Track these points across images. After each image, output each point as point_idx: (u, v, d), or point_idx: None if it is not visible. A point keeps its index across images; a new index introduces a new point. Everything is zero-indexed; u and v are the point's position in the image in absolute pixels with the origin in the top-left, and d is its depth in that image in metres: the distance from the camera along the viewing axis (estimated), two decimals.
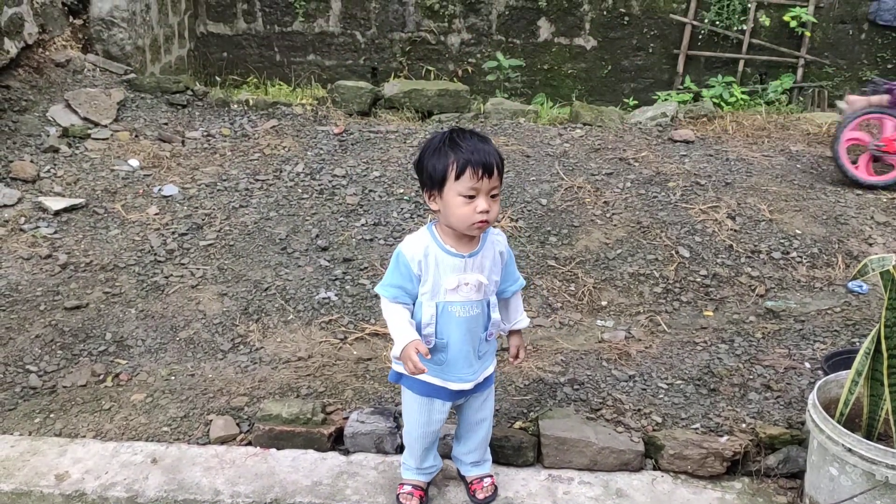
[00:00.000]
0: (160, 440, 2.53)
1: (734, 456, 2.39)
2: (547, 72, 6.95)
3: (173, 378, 2.81)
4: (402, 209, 3.80)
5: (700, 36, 6.77)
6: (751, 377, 2.76)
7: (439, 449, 2.33)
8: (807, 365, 2.82)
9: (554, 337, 3.05)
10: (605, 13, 6.77)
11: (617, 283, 3.35)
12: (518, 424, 2.52)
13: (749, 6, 6.65)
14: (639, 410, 2.58)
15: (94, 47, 5.38)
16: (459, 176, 1.93)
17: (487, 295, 2.10)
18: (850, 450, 2.02)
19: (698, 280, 3.36)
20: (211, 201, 3.87)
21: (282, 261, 3.45)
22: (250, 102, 4.92)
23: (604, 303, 3.27)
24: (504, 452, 2.43)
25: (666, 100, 6.14)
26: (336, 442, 2.52)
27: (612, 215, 3.73)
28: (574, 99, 6.30)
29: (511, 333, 2.26)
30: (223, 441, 2.52)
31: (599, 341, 3.02)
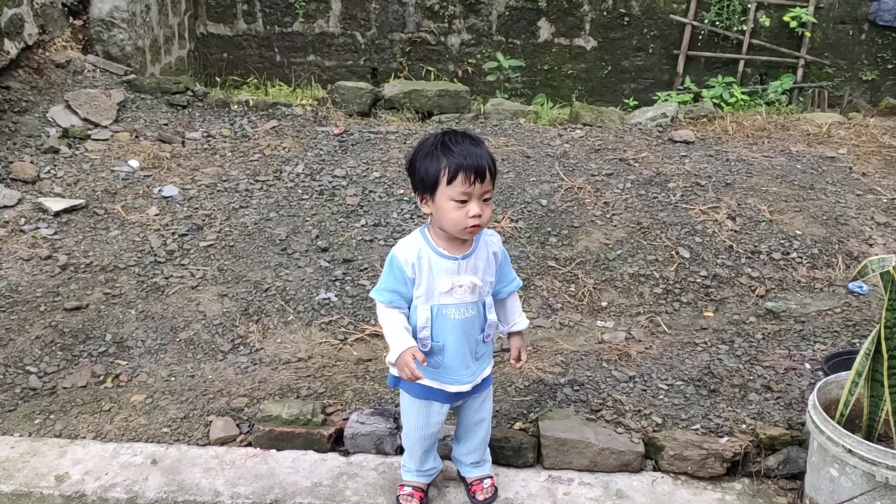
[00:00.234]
0: (160, 441, 2.53)
1: (734, 457, 2.39)
2: (547, 72, 6.95)
3: (173, 379, 2.81)
4: (402, 210, 3.80)
5: (700, 36, 6.77)
6: (751, 378, 2.76)
7: (439, 450, 2.33)
8: (807, 366, 2.82)
9: (554, 338, 3.05)
10: (605, 14, 6.77)
11: (617, 284, 3.35)
12: (518, 425, 2.52)
13: (749, 6, 6.64)
14: (639, 411, 2.58)
15: (94, 48, 5.38)
16: (451, 181, 1.91)
17: (482, 296, 2.09)
18: (851, 451, 2.02)
19: (698, 281, 3.36)
20: (211, 202, 3.86)
21: (282, 261, 3.45)
22: (250, 103, 4.92)
23: (604, 303, 3.27)
24: (504, 453, 2.43)
25: (666, 100, 6.12)
26: (336, 443, 2.52)
27: (613, 216, 3.73)
28: (574, 99, 6.29)
29: (511, 335, 2.25)
30: (223, 442, 2.52)
31: (599, 342, 3.02)
